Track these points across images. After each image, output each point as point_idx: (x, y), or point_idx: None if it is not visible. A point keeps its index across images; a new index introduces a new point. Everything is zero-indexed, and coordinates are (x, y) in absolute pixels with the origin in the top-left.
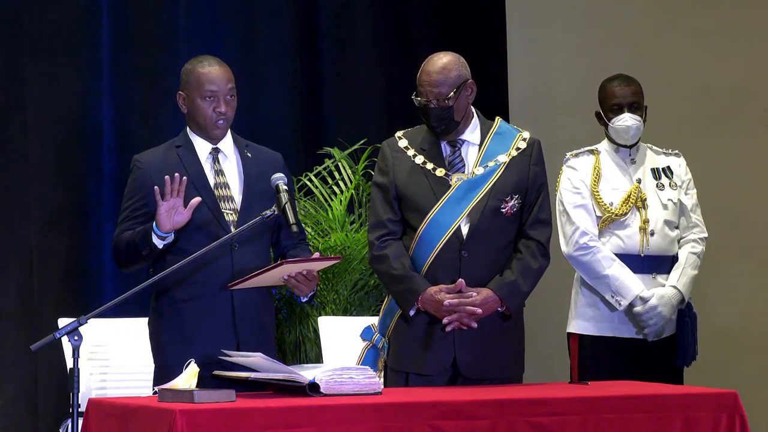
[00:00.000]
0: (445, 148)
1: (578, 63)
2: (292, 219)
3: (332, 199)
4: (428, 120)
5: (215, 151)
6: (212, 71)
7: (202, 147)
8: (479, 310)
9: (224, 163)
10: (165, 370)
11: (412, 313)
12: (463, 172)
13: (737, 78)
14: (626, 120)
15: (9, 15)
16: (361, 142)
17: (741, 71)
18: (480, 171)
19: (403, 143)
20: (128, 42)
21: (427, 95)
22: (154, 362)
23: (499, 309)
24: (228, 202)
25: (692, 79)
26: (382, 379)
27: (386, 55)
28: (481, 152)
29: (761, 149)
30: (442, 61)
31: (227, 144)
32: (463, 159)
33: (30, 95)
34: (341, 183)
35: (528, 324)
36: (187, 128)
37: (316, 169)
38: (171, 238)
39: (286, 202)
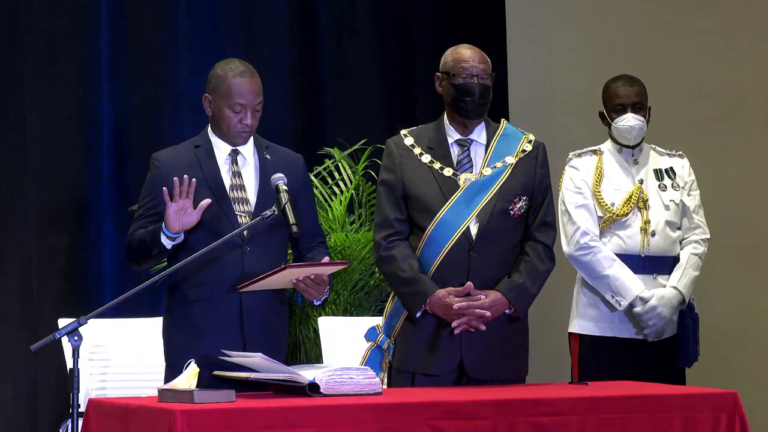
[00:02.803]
0: (454, 148)
1: (578, 63)
2: (292, 219)
3: (332, 200)
4: (472, 98)
5: (234, 153)
6: (245, 84)
7: (221, 148)
8: (488, 313)
9: (242, 165)
10: (173, 369)
11: (418, 314)
12: (471, 173)
13: (737, 78)
14: (629, 120)
15: (9, 15)
16: (361, 142)
17: (741, 72)
18: (488, 172)
19: (408, 141)
20: (128, 42)
21: (472, 71)
22: (165, 361)
23: (507, 311)
24: (243, 204)
25: (692, 80)
26: (386, 381)
27: (386, 55)
28: (488, 153)
29: (761, 150)
30: (474, 48)
31: (247, 146)
32: (471, 159)
33: (30, 95)
34: (341, 183)
35: (530, 324)
36: (209, 128)
37: (316, 169)
38: (180, 238)
39: (286, 203)
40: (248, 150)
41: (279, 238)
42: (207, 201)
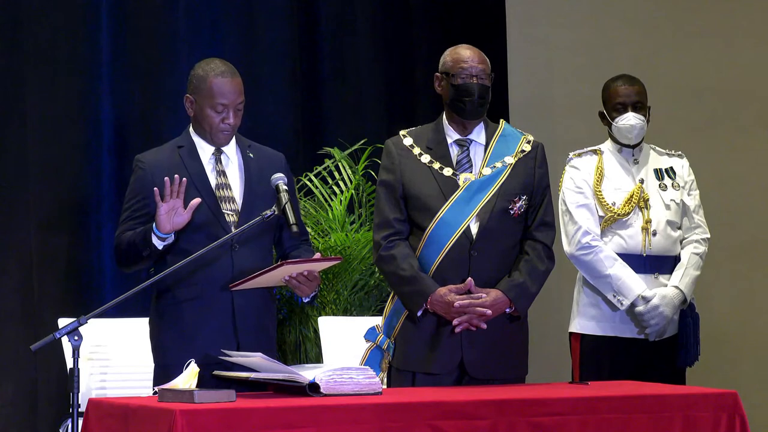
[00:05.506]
0: (453, 148)
1: (578, 63)
2: (292, 219)
3: (332, 199)
4: (471, 98)
5: (218, 152)
6: (225, 84)
7: (204, 148)
8: (489, 312)
9: (226, 164)
10: (165, 370)
11: (419, 313)
12: (470, 172)
13: (737, 79)
14: (630, 119)
15: (9, 16)
16: (361, 142)
17: (740, 72)
18: (488, 172)
19: (407, 141)
20: (128, 42)
21: (471, 72)
22: (154, 362)
23: (507, 310)
24: (229, 202)
25: (692, 80)
26: (385, 381)
27: (386, 55)
28: (487, 153)
29: (760, 150)
30: (474, 48)
31: (230, 145)
32: (471, 159)
33: (30, 96)
34: (341, 183)
35: (530, 324)
36: (190, 128)
37: (316, 169)
38: (171, 239)
39: (286, 202)
40: (231, 149)
41: (266, 236)
42: (197, 200)
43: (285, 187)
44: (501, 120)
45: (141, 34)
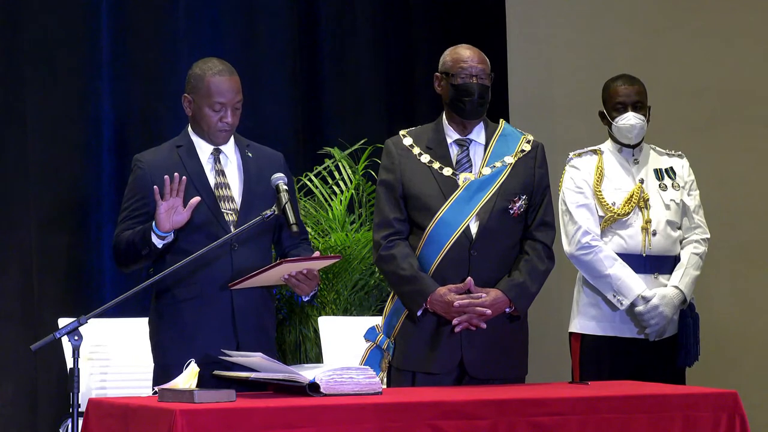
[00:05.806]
0: (453, 148)
1: (578, 63)
2: (292, 219)
3: (332, 199)
4: (470, 98)
5: (216, 152)
6: (223, 83)
7: (203, 147)
8: (489, 311)
9: (225, 163)
10: (165, 370)
11: (419, 313)
12: (470, 172)
13: (736, 79)
14: (630, 119)
15: (8, 15)
16: (361, 142)
17: (740, 72)
18: (487, 171)
19: (407, 141)
20: (128, 42)
21: (471, 72)
22: (154, 362)
23: (507, 310)
24: (228, 202)
25: (692, 80)
26: (385, 381)
27: (386, 55)
28: (487, 153)
29: (760, 149)
30: (473, 48)
31: (228, 144)
32: (470, 159)
33: (30, 95)
34: (341, 183)
35: (530, 323)
36: (189, 128)
37: (316, 169)
38: (170, 237)
39: (286, 202)
40: (230, 148)
41: (265, 236)
42: (197, 199)
43: (285, 187)
44: (501, 120)
45: (141, 34)
